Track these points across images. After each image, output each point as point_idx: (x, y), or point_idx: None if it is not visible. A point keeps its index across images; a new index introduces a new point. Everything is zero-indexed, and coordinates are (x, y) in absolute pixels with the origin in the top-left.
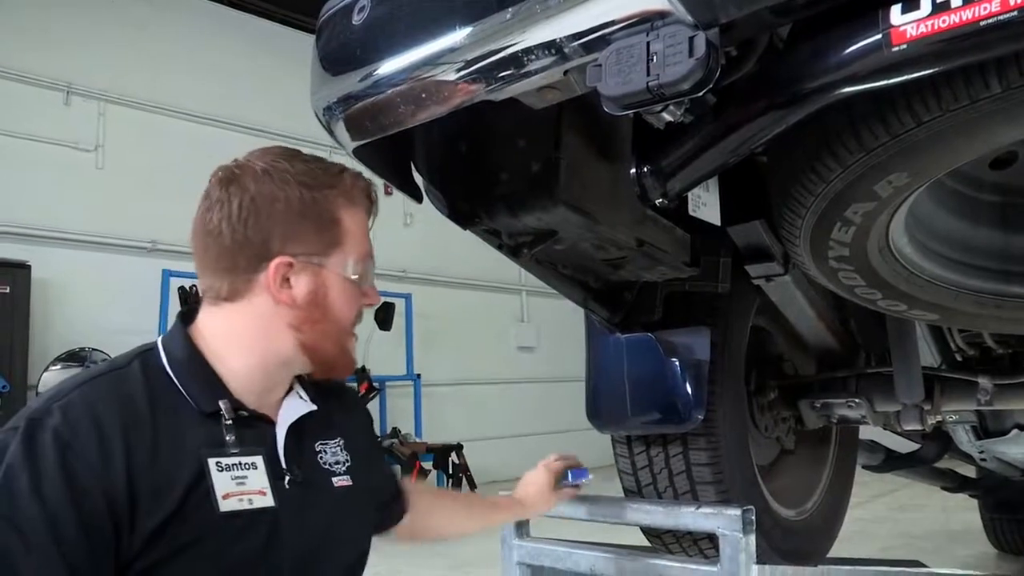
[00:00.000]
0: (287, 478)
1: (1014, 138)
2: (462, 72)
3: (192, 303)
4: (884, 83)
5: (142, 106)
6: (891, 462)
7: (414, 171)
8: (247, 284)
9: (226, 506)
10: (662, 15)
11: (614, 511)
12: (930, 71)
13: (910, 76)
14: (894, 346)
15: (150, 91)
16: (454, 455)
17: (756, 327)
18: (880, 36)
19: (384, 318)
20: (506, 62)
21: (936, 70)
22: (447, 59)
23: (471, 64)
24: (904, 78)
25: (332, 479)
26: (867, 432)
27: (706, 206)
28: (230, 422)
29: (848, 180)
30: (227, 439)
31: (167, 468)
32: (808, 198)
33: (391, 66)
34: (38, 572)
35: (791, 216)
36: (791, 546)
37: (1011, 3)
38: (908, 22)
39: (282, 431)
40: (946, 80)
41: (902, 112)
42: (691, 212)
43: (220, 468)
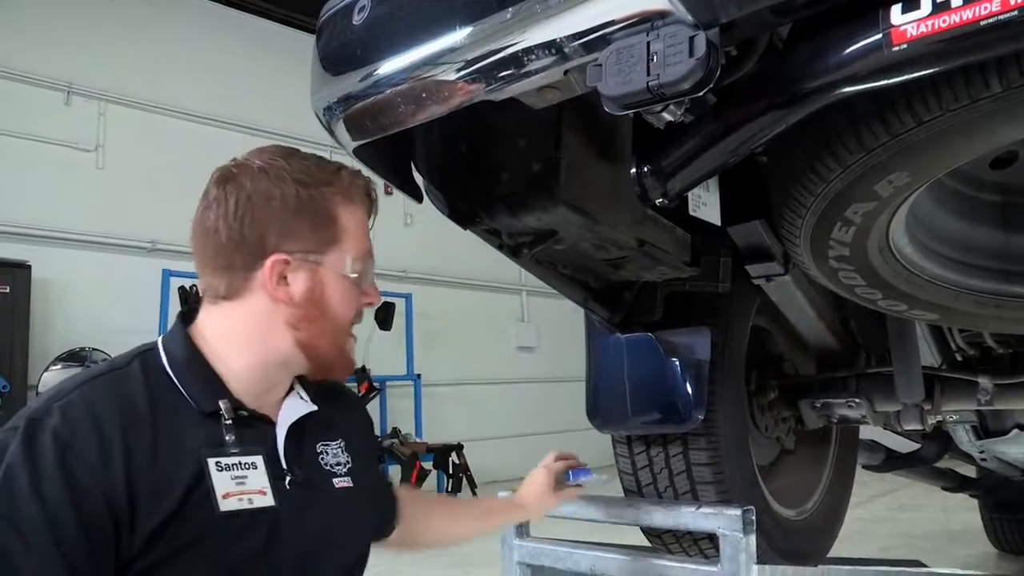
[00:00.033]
0: (287, 478)
1: (1014, 138)
2: (462, 72)
3: (192, 303)
4: (884, 83)
5: (142, 106)
6: (891, 462)
7: (414, 171)
8: (244, 282)
9: (226, 506)
10: (662, 15)
11: (614, 511)
12: (930, 71)
13: (910, 76)
14: (894, 346)
15: (150, 91)
16: (454, 455)
17: (756, 327)
18: (880, 36)
19: (384, 318)
20: (506, 62)
21: (936, 70)
22: (447, 59)
23: (471, 64)
24: (904, 78)
25: (333, 480)
26: (867, 432)
27: (706, 206)
28: (230, 422)
29: (848, 180)
30: (227, 439)
31: (167, 468)
32: (808, 198)
33: (391, 66)
34: (38, 571)
35: (791, 216)
36: (791, 546)
37: (1011, 3)
38: (908, 22)
39: (282, 431)
40: (946, 80)
41: (902, 112)
42: (691, 212)
43: (220, 468)
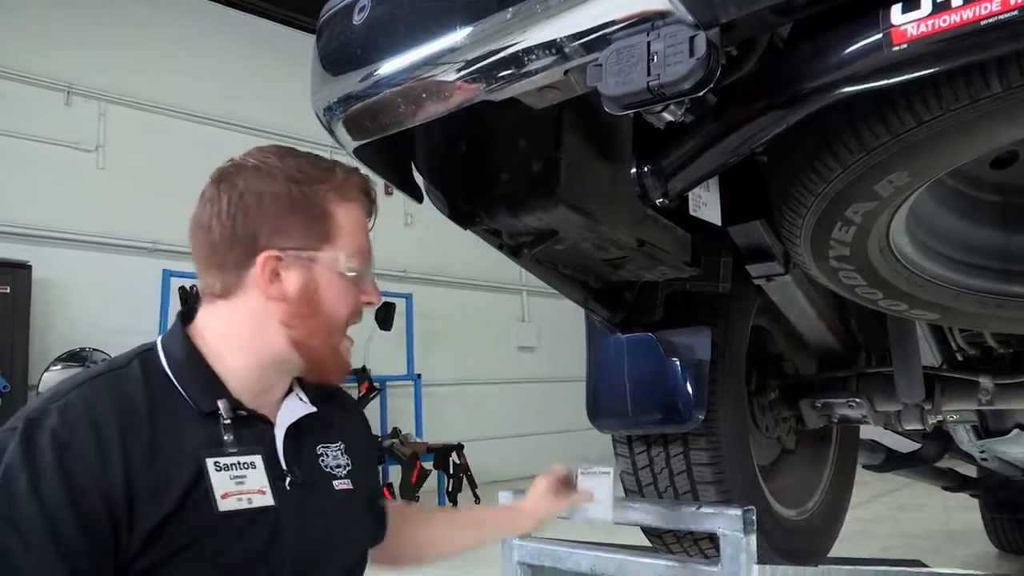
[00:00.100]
0: (287, 479)
1: (1014, 137)
2: (462, 72)
3: (192, 303)
4: (885, 83)
5: (142, 106)
6: (892, 462)
7: (414, 171)
8: (238, 280)
9: (225, 506)
10: (663, 15)
11: (614, 511)
12: (931, 71)
13: (911, 76)
14: (895, 346)
15: (150, 91)
16: (455, 455)
17: (757, 327)
18: (881, 36)
19: (384, 318)
20: (506, 62)
21: (937, 70)
22: (447, 59)
23: (471, 64)
24: (905, 78)
25: (333, 482)
26: (868, 432)
27: (707, 206)
28: (228, 422)
29: (849, 180)
30: (225, 439)
31: (166, 468)
32: (809, 198)
33: (391, 66)
34: (38, 571)
35: (792, 216)
36: (792, 546)
37: (1011, 2)
38: (908, 21)
39: (281, 431)
40: (947, 79)
41: (903, 111)
42: (692, 212)
43: (218, 468)
